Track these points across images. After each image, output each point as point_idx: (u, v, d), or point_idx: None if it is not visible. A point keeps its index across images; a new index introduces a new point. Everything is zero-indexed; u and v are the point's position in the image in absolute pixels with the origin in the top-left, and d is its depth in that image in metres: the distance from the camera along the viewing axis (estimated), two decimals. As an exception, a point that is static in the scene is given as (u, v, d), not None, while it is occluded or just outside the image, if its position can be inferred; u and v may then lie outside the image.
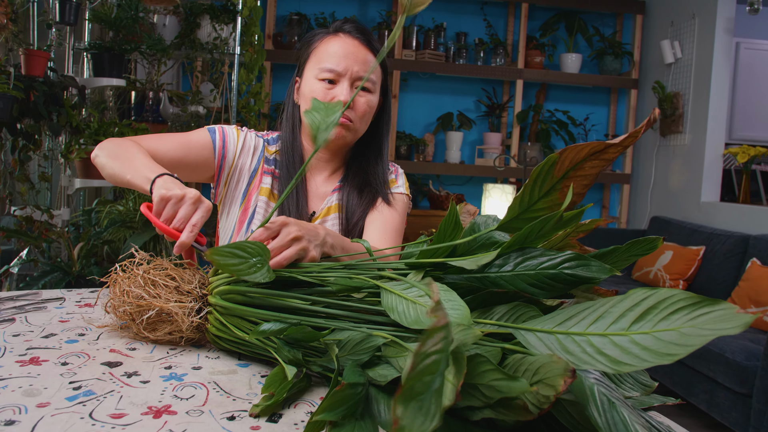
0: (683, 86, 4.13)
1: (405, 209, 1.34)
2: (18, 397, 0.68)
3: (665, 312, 0.52)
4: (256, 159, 1.29)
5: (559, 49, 4.73)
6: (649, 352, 0.51)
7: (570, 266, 0.66)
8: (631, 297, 0.55)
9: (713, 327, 0.48)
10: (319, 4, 4.47)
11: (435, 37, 4.45)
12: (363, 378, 0.66)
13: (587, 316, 0.57)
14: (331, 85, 1.20)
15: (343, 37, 1.22)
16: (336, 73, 1.19)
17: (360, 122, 1.23)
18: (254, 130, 1.32)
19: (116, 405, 0.68)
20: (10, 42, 2.81)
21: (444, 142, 4.61)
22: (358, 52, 1.21)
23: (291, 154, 1.27)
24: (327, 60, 1.20)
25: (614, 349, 0.53)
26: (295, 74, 1.30)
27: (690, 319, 0.50)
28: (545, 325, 0.59)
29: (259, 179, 1.28)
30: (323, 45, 1.22)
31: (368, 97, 1.23)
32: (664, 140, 4.32)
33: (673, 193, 4.22)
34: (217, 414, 0.68)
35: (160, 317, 0.90)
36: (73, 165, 2.94)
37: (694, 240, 3.58)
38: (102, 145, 1.13)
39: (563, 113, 4.68)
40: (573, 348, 0.56)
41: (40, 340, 0.89)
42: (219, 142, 1.24)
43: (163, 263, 0.94)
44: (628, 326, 0.53)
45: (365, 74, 1.20)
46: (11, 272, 2.75)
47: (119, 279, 0.93)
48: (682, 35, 4.16)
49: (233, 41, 3.17)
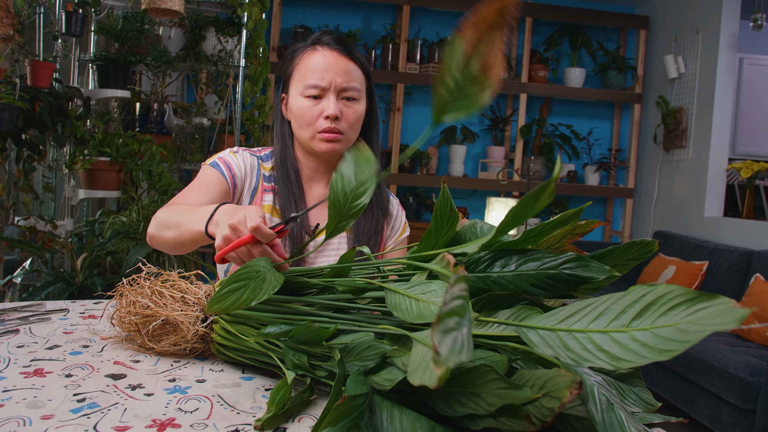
0: (687, 101, 4.13)
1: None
2: (22, 408, 0.69)
3: (664, 308, 0.53)
4: (255, 178, 1.30)
5: (563, 64, 4.75)
6: (648, 348, 0.51)
7: (570, 267, 0.68)
8: (632, 293, 0.56)
9: (710, 322, 0.49)
10: (324, 17, 4.50)
11: (439, 50, 4.47)
12: (366, 388, 0.65)
13: (589, 313, 0.58)
14: (317, 100, 1.22)
15: (322, 50, 1.23)
16: (320, 88, 1.21)
17: (350, 131, 1.25)
18: (245, 148, 1.33)
19: (120, 417, 0.68)
20: (16, 53, 2.83)
21: (447, 155, 4.62)
22: (339, 64, 1.22)
23: (286, 169, 1.29)
24: (310, 76, 1.21)
25: (614, 345, 0.54)
26: (281, 90, 1.32)
27: (688, 314, 0.51)
28: (547, 322, 0.60)
29: (260, 197, 1.29)
30: (304, 60, 1.24)
31: (355, 107, 1.24)
32: (668, 155, 4.32)
33: (677, 207, 4.22)
34: (221, 427, 0.68)
35: (165, 328, 0.91)
36: (77, 176, 2.95)
37: (698, 255, 3.57)
38: (152, 224, 1.14)
39: (567, 127, 4.69)
40: (574, 345, 0.56)
41: (44, 352, 0.89)
42: (227, 173, 1.25)
43: (170, 276, 0.95)
44: (628, 323, 0.54)
45: (349, 84, 1.22)
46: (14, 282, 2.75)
47: (126, 291, 0.93)
48: (686, 50, 4.17)
49: (238, 53, 3.19)
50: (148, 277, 0.94)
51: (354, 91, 1.23)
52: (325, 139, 1.22)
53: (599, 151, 4.79)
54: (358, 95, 1.24)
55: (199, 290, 0.93)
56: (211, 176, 1.25)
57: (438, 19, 4.63)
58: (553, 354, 0.57)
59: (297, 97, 1.23)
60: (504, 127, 4.62)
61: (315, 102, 1.21)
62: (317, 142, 1.23)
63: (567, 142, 4.62)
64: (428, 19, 4.63)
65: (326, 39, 1.24)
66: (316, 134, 1.22)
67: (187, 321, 0.87)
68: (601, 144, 4.81)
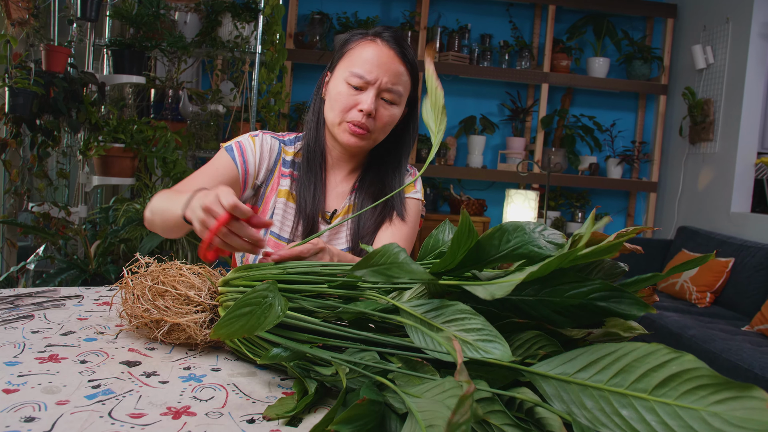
0: (715, 93, 4.01)
1: (419, 214, 1.34)
2: (37, 394, 0.69)
3: (689, 384, 0.49)
4: (273, 161, 1.29)
5: (587, 53, 4.63)
6: (666, 427, 0.48)
7: (600, 296, 0.60)
8: (656, 354, 0.51)
9: (742, 422, 0.44)
10: (342, 3, 4.43)
11: (459, 38, 4.38)
12: (381, 398, 0.63)
13: (609, 365, 0.53)
14: (358, 91, 1.19)
15: (380, 44, 1.21)
16: (365, 80, 1.18)
17: (379, 132, 1.24)
18: (271, 132, 1.32)
19: (135, 405, 0.68)
20: (32, 37, 2.81)
21: (466, 146, 4.54)
22: (391, 63, 1.20)
23: (314, 150, 1.28)
24: (359, 65, 1.19)
25: (632, 412, 0.50)
26: (327, 68, 1.29)
27: (715, 402, 0.47)
28: (565, 370, 0.55)
29: (277, 181, 1.29)
30: (359, 48, 1.21)
31: (392, 110, 1.23)
32: (693, 148, 4.20)
33: (702, 202, 4.10)
34: (237, 416, 0.68)
35: (173, 327, 0.89)
36: (92, 162, 2.92)
37: (723, 251, 3.46)
38: (146, 209, 1.15)
39: (589, 119, 4.58)
40: (590, 404, 0.52)
41: (59, 338, 0.89)
42: (239, 159, 1.25)
43: (172, 267, 0.91)
44: (650, 389, 0.50)
45: (394, 86, 1.20)
46: (28, 269, 2.74)
47: (128, 289, 0.91)
48: (715, 40, 4.04)
49: (254, 40, 3.14)
50: (146, 274, 0.89)
51: (396, 94, 1.21)
52: (351, 132, 1.20)
53: (622, 144, 4.68)
54: (398, 100, 1.22)
55: (203, 286, 0.89)
56: (222, 162, 1.24)
57: (459, 6, 4.54)
58: (566, 410, 0.52)
59: (340, 80, 1.21)
60: (524, 117, 4.52)
61: (355, 92, 1.20)
62: (342, 131, 1.21)
63: (589, 134, 4.51)
64: (448, 5, 4.53)
65: (387, 35, 1.21)
66: (345, 123, 1.21)
67: (195, 326, 0.85)
68: (624, 136, 4.70)
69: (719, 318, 3.15)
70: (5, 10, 2.68)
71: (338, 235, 1.29)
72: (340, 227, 1.29)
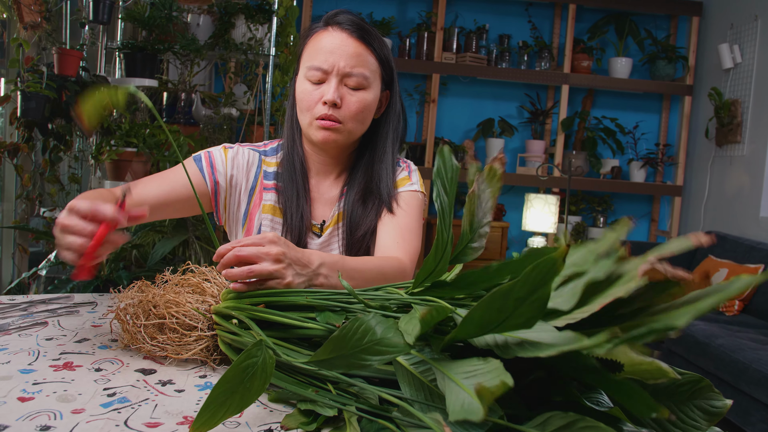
0: (742, 93, 3.87)
1: (420, 207, 1.23)
2: (53, 402, 0.69)
3: None
4: (252, 176, 1.21)
5: (608, 53, 4.51)
6: None
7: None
8: None
9: None
10: (357, 4, 4.37)
11: (477, 39, 4.29)
12: None
13: None
14: (319, 85, 1.12)
15: (332, 30, 1.12)
16: (322, 71, 1.11)
17: (351, 122, 1.13)
18: (248, 144, 1.26)
19: (151, 413, 0.67)
20: (44, 41, 2.79)
21: (484, 149, 4.45)
22: (346, 46, 1.11)
23: (292, 160, 1.20)
24: (314, 57, 1.12)
25: None
26: (294, 72, 1.22)
27: None
28: None
29: (259, 197, 1.21)
30: (313, 40, 1.14)
31: (360, 95, 1.12)
32: (720, 150, 4.07)
33: (730, 206, 3.97)
34: (254, 426, 0.66)
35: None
36: (104, 167, 2.89)
37: (752, 257, 3.34)
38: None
39: (611, 120, 4.46)
40: None
41: (74, 345, 0.89)
42: (207, 169, 1.17)
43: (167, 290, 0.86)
44: None
45: (354, 69, 1.11)
46: (39, 275, 2.72)
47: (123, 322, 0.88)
48: (743, 38, 3.91)
49: (268, 42, 3.08)
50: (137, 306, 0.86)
51: (360, 77, 1.11)
52: (321, 127, 1.11)
53: (646, 146, 4.56)
54: (365, 83, 1.12)
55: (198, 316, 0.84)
56: (188, 170, 1.10)
57: (476, 7, 4.45)
58: None
59: (301, 79, 1.14)
60: (544, 120, 4.42)
61: (318, 87, 1.12)
62: (314, 129, 1.13)
63: (611, 136, 4.40)
64: (466, 6, 4.45)
65: (340, 18, 1.13)
66: (314, 120, 1.12)
67: (201, 356, 0.83)
68: (647, 138, 4.57)
69: (748, 327, 3.03)
70: (17, 13, 2.66)
71: (330, 248, 1.20)
72: (331, 239, 1.20)
